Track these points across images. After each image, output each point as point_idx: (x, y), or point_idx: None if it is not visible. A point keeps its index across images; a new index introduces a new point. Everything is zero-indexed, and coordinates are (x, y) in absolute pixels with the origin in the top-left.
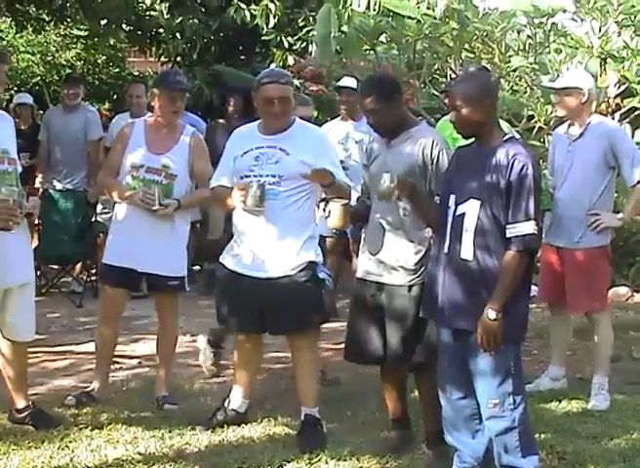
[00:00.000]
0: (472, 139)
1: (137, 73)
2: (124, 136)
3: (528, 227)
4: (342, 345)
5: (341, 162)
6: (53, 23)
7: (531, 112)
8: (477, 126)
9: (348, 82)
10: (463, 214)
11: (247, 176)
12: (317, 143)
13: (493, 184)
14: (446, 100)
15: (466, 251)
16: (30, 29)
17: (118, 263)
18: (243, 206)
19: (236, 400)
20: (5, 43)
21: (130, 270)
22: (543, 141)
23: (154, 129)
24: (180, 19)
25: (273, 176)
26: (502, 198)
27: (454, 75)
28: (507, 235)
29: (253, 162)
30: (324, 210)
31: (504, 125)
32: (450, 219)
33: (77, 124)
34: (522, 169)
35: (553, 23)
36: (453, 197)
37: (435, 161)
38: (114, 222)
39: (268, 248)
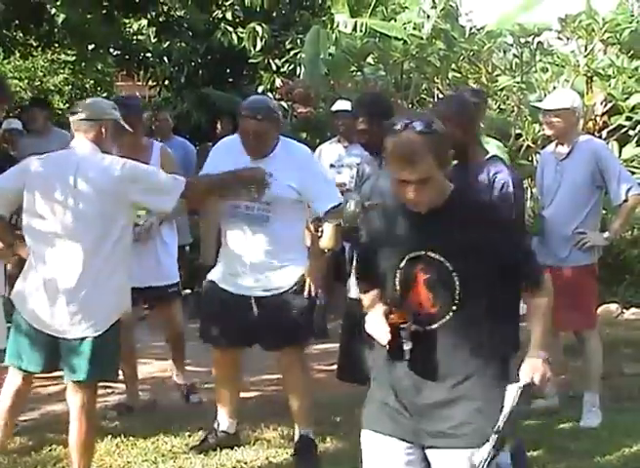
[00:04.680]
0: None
1: None
2: None
3: None
4: (334, 366)
5: (344, 185)
6: (40, 49)
7: (518, 131)
8: (456, 147)
9: (342, 105)
10: None
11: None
12: (302, 164)
13: None
14: None
15: None
16: (18, 55)
17: None
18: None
19: (224, 421)
20: None
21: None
22: (531, 160)
23: (126, 152)
24: (168, 42)
25: (261, 202)
26: None
27: (441, 95)
28: None
29: None
30: (317, 230)
31: (495, 143)
32: None
33: (49, 146)
34: (502, 187)
35: (539, 42)
36: None
37: None
38: None
39: (258, 269)
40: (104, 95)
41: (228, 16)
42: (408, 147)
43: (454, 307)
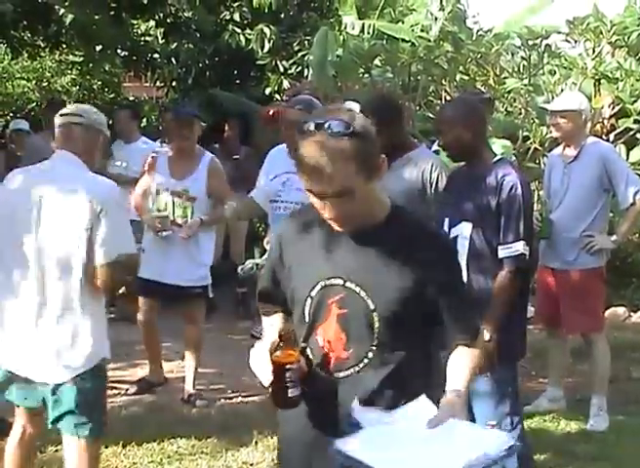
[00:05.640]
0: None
1: (132, 98)
2: (152, 163)
3: (518, 247)
4: None
5: None
6: (48, 49)
7: (526, 133)
8: (464, 149)
9: (348, 107)
10: (457, 236)
11: (275, 201)
12: None
13: (484, 206)
14: None
15: None
16: (26, 55)
17: (150, 277)
18: None
19: None
20: (0, 69)
21: (158, 283)
22: (539, 163)
23: (176, 156)
24: (175, 44)
25: (297, 204)
26: (494, 219)
27: (449, 97)
28: (499, 256)
29: (280, 187)
30: None
31: (502, 143)
32: None
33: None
34: (511, 189)
35: (547, 45)
36: (447, 220)
37: (434, 184)
38: (147, 239)
39: None
40: (112, 95)
41: (236, 17)
42: (319, 153)
43: (369, 354)
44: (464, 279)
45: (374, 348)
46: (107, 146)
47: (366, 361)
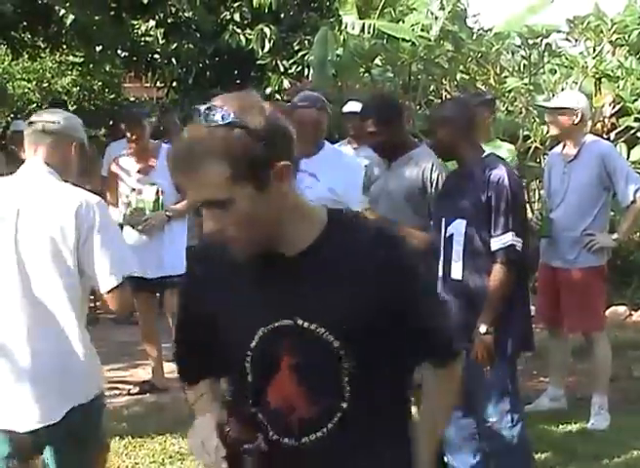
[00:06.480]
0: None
1: (132, 99)
2: (116, 165)
3: (507, 238)
4: None
5: None
6: (48, 50)
7: (526, 133)
8: (451, 148)
9: (353, 107)
10: (452, 234)
11: None
12: (348, 171)
13: (474, 202)
14: None
15: (456, 270)
16: (26, 56)
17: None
18: None
19: None
20: (1, 70)
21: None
22: (539, 162)
23: (134, 154)
24: (176, 44)
25: None
26: (485, 214)
27: (449, 97)
28: (491, 249)
29: None
30: None
31: (507, 148)
32: (442, 241)
33: None
34: (498, 182)
35: (547, 44)
36: (443, 219)
37: (435, 183)
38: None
39: None
40: (112, 96)
41: (236, 17)
42: (185, 146)
43: (343, 404)
44: (436, 289)
45: (347, 396)
46: (86, 159)
47: (339, 414)
